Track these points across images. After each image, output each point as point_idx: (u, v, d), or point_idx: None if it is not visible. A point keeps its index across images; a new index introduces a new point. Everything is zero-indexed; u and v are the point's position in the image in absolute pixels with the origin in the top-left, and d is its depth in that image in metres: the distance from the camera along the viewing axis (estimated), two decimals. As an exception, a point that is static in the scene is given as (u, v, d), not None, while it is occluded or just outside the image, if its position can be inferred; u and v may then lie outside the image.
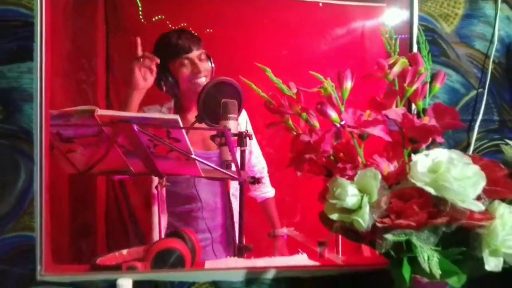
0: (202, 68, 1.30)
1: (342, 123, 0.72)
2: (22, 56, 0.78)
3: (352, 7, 1.58)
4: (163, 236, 1.16)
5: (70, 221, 1.34)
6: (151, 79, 1.25)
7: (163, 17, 1.65)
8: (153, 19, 1.66)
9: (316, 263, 0.97)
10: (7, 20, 0.77)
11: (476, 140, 0.93)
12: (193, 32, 1.38)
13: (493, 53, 0.94)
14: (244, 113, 1.36)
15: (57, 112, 0.90)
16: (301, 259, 1.00)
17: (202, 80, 1.30)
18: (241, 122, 1.34)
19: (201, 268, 0.92)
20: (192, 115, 1.28)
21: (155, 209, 1.34)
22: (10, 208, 0.78)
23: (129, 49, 1.65)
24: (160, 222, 1.19)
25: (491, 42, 0.94)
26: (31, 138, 0.78)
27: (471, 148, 0.93)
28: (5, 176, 0.78)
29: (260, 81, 0.80)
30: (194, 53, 1.30)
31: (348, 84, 0.74)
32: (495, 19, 0.94)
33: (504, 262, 0.66)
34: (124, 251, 0.96)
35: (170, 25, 1.64)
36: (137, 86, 1.23)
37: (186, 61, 1.30)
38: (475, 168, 0.63)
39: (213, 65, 1.34)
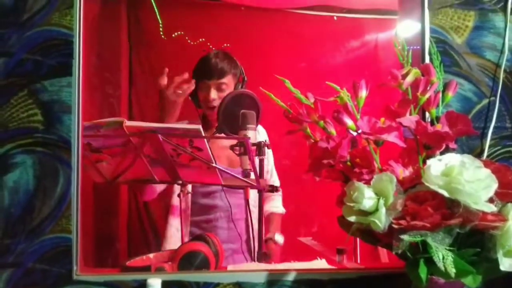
0: (215, 96, 1.34)
1: (359, 131, 0.75)
2: (62, 72, 0.85)
3: (365, 20, 1.63)
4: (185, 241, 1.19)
5: (95, 228, 1.39)
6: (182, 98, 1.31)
7: (182, 33, 1.72)
8: (173, 35, 1.72)
9: (335, 267, 0.99)
10: (51, 39, 0.85)
11: (490, 146, 0.95)
12: (229, 60, 1.40)
13: (504, 62, 0.96)
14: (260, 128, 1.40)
15: (88, 124, 0.96)
16: (320, 264, 1.03)
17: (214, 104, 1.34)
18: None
19: (225, 270, 0.96)
20: (212, 132, 1.33)
21: (174, 217, 1.40)
22: (50, 211, 0.84)
23: (150, 64, 1.73)
24: (182, 230, 1.23)
25: (502, 52, 0.96)
26: (69, 146, 0.85)
27: (485, 154, 0.94)
28: (46, 181, 0.85)
29: (278, 93, 0.84)
30: (213, 81, 1.35)
31: (363, 93, 0.78)
32: (505, 30, 0.96)
33: (518, 263, 0.68)
34: (151, 255, 1.01)
35: (189, 41, 1.71)
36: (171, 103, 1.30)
37: (203, 86, 1.36)
38: (487, 171, 0.66)
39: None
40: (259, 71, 1.54)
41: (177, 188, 1.30)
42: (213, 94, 1.35)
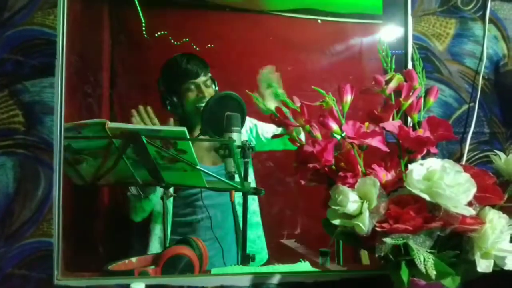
0: (207, 93, 1.36)
1: (343, 134, 0.76)
2: (45, 72, 0.83)
3: (349, 24, 1.64)
4: (167, 245, 1.19)
5: (75, 231, 1.36)
6: None
7: (166, 33, 1.70)
8: (156, 35, 1.70)
9: (319, 270, 1.00)
10: (32, 39, 0.83)
11: (469, 151, 0.98)
12: (201, 57, 1.41)
13: (482, 69, 0.99)
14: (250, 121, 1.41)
15: (69, 125, 0.94)
16: (304, 267, 1.04)
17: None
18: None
19: (209, 274, 0.95)
20: (194, 134, 1.33)
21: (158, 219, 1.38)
22: (31, 215, 0.82)
23: (133, 64, 1.70)
24: (165, 232, 1.22)
25: (481, 59, 0.99)
26: (51, 148, 0.83)
27: (464, 158, 0.97)
28: (27, 184, 0.83)
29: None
30: (201, 79, 1.36)
31: (348, 98, 0.79)
32: (483, 38, 0.99)
33: (495, 265, 0.70)
34: (134, 259, 0.99)
35: (172, 41, 1.69)
36: None
37: (192, 86, 1.36)
38: (466, 176, 0.68)
39: (217, 88, 1.40)
40: (243, 73, 1.54)
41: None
42: (205, 91, 1.35)
